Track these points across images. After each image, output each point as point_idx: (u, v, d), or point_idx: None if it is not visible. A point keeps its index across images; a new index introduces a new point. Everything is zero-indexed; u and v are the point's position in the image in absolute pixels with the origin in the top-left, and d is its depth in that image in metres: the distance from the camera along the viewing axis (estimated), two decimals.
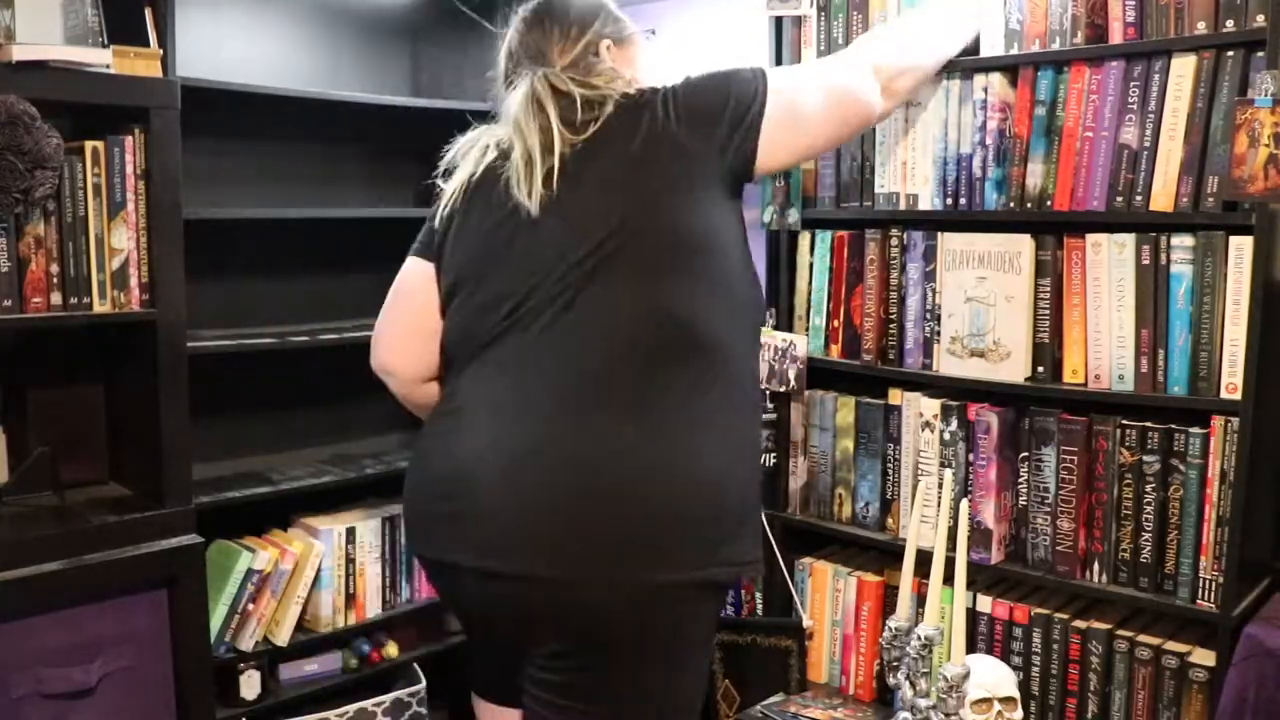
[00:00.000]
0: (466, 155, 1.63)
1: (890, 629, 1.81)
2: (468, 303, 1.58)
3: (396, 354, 1.70)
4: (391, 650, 2.54)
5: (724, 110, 1.55)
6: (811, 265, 2.20)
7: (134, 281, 1.99)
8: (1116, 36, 1.79)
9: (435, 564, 1.57)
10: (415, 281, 1.67)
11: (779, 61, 2.20)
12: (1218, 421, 1.71)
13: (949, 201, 2.00)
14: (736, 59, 1.70)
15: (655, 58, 1.75)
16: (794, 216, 2.19)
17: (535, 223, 1.48)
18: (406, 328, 1.69)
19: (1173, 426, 1.76)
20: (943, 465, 1.99)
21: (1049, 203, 1.87)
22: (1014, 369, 1.91)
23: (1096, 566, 1.86)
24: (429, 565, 1.62)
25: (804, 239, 2.21)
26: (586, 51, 1.62)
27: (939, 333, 2.02)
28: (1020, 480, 1.95)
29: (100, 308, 1.96)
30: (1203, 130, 1.69)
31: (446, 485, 1.51)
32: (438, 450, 1.55)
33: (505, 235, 1.53)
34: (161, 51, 2.00)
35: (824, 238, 2.17)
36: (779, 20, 2.19)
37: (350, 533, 2.44)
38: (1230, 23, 1.67)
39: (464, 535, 1.48)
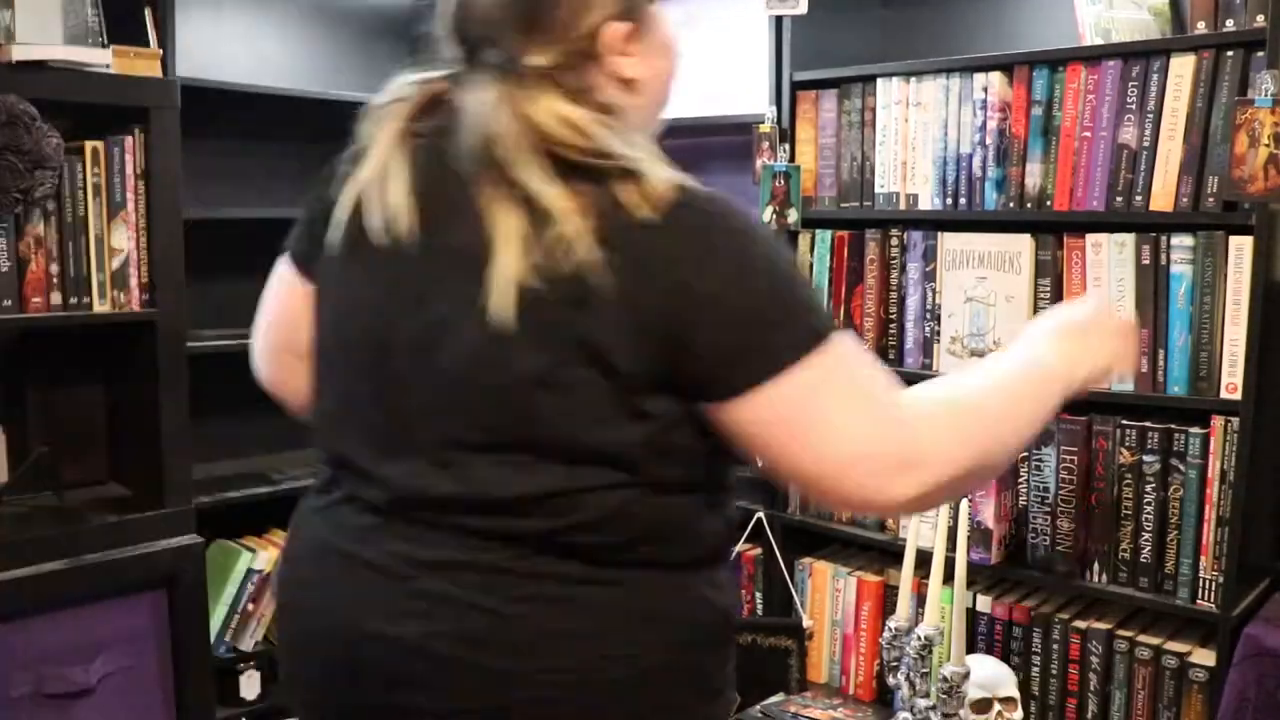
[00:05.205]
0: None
1: (890, 629, 1.81)
2: None
3: None
4: None
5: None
6: (811, 265, 2.20)
7: (134, 281, 1.99)
8: None
9: None
10: None
11: (779, 60, 2.19)
12: (1218, 421, 1.71)
13: (949, 201, 1.99)
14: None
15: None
16: (794, 216, 2.19)
17: None
18: None
19: (1173, 426, 1.76)
20: None
21: (1048, 202, 1.86)
22: None
23: (1096, 566, 1.86)
24: None
25: (804, 239, 2.21)
26: (578, 47, 0.95)
27: (939, 332, 2.02)
28: (1020, 480, 1.95)
29: (100, 308, 1.96)
30: (1202, 130, 1.69)
31: None
32: None
33: None
34: (161, 51, 2.00)
35: (824, 237, 2.17)
36: (779, 20, 2.19)
37: None
38: (1230, 23, 1.67)
39: None
